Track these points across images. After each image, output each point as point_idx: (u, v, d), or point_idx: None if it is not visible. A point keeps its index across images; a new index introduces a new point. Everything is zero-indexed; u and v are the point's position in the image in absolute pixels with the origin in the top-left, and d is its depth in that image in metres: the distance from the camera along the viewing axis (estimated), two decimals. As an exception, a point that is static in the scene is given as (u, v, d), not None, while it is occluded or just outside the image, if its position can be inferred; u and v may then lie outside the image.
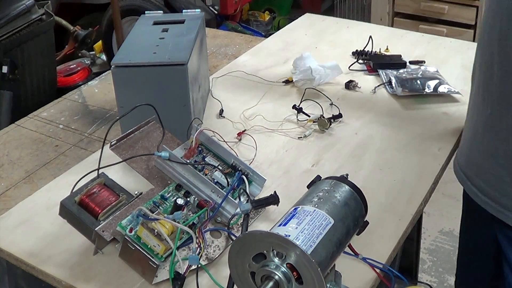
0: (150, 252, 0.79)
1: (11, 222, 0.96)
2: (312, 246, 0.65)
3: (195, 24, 1.23)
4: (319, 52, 1.54)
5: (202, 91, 1.26)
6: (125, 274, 0.83)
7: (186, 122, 1.02)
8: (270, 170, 1.07)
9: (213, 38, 1.74)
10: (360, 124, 1.21)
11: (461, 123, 1.20)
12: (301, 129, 1.19)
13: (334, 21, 1.83)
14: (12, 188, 1.10)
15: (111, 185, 0.91)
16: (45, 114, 1.36)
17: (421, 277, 2.05)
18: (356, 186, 0.76)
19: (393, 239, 0.89)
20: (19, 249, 0.89)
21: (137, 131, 0.97)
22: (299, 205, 0.71)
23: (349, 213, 0.73)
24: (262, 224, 0.93)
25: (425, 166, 1.07)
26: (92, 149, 1.21)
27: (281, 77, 1.41)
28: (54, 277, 0.84)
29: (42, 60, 2.32)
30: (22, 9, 2.16)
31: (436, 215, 2.31)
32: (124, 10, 2.68)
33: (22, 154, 1.20)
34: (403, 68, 1.41)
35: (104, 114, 1.36)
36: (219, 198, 0.89)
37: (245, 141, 1.15)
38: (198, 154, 0.97)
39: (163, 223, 0.78)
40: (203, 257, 0.83)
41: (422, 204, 0.99)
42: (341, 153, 1.12)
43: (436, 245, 2.20)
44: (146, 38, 1.18)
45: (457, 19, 2.84)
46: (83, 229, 0.86)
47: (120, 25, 2.37)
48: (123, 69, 1.07)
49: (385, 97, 1.32)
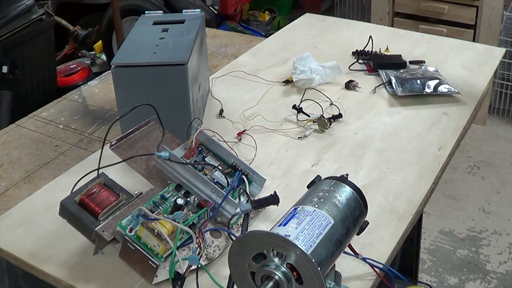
0: (150, 252, 0.79)
1: (11, 222, 0.96)
2: (312, 246, 0.65)
3: (195, 24, 1.23)
4: (319, 52, 1.54)
5: (202, 91, 1.26)
6: (125, 274, 0.83)
7: (186, 122, 1.02)
8: (270, 170, 1.07)
9: (213, 38, 1.74)
10: (360, 124, 1.21)
11: (461, 123, 1.20)
12: (301, 129, 1.19)
13: (334, 21, 1.83)
14: (12, 188, 1.10)
15: (111, 185, 0.91)
16: (45, 114, 1.36)
17: (421, 277, 2.05)
18: (356, 186, 0.76)
19: (393, 239, 0.89)
20: (19, 249, 0.89)
21: (137, 131, 0.97)
22: (299, 205, 0.72)
23: (349, 213, 0.73)
24: (262, 224, 0.93)
25: (425, 166, 1.07)
26: (92, 149, 1.21)
27: (281, 77, 1.41)
28: (54, 277, 0.84)
29: (42, 60, 2.31)
30: (22, 9, 2.15)
31: (436, 215, 2.31)
32: (124, 10, 2.67)
33: (22, 154, 1.21)
34: (403, 68, 1.41)
35: (104, 114, 1.36)
36: (219, 198, 0.89)
37: (245, 141, 1.15)
38: (198, 154, 0.97)
39: (163, 223, 0.78)
40: (203, 257, 0.83)
41: (422, 204, 0.99)
42: (341, 153, 1.12)
43: (436, 245, 2.20)
44: (146, 38, 1.18)
45: (457, 19, 2.84)
46: (83, 229, 0.86)
47: (120, 25, 2.37)
48: (123, 69, 1.07)
49: (385, 97, 1.32)
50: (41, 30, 2.25)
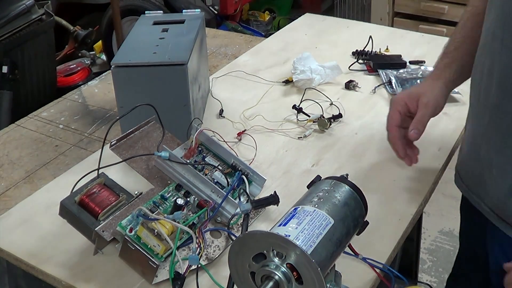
0: (150, 252, 0.79)
1: (11, 222, 0.96)
2: (312, 246, 0.65)
3: (195, 24, 1.23)
4: (319, 52, 1.54)
5: (202, 91, 1.26)
6: (125, 274, 0.83)
7: (186, 122, 1.02)
8: (270, 170, 1.07)
9: (213, 38, 1.74)
10: (360, 124, 1.21)
11: (461, 123, 1.20)
12: (301, 129, 1.19)
13: (334, 21, 1.83)
14: (12, 188, 1.10)
15: (111, 185, 0.91)
16: (45, 114, 1.36)
17: (421, 277, 2.05)
18: (356, 186, 0.76)
19: (393, 239, 0.89)
20: (19, 249, 0.89)
21: (137, 131, 0.97)
22: (299, 205, 0.71)
23: (349, 213, 0.73)
24: (262, 224, 0.93)
25: (425, 166, 1.07)
26: (92, 149, 1.21)
27: (281, 77, 1.41)
28: (54, 277, 0.84)
29: (42, 60, 2.32)
30: (22, 9, 2.15)
31: (436, 215, 2.31)
32: (124, 10, 2.67)
33: (22, 154, 1.20)
34: (403, 68, 1.41)
35: (104, 114, 1.36)
36: (219, 198, 0.89)
37: (245, 141, 1.15)
38: (198, 154, 0.97)
39: (163, 223, 0.78)
40: (203, 257, 0.83)
41: (422, 204, 0.99)
42: (341, 153, 1.12)
43: (436, 245, 2.20)
44: (146, 38, 1.18)
45: (457, 19, 2.83)
46: (83, 229, 0.86)
47: (120, 25, 2.37)
48: (123, 69, 1.07)
49: (385, 97, 1.32)
50: (41, 30, 2.26)
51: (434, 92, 0.98)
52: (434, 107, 0.96)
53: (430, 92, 0.98)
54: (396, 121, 0.96)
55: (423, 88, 0.99)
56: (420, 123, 0.95)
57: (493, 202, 0.88)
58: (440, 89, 0.98)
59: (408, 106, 0.96)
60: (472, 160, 0.94)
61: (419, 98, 0.96)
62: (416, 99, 0.97)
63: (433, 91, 0.98)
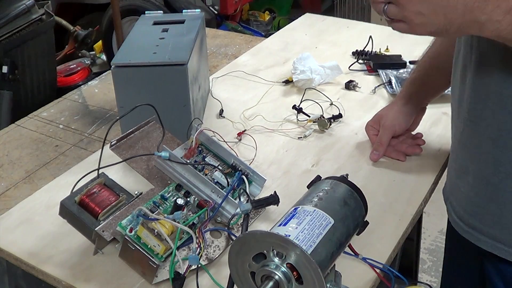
0: (150, 252, 0.79)
1: (11, 222, 0.96)
2: (312, 246, 0.65)
3: (195, 24, 1.23)
4: (319, 52, 1.54)
5: (202, 91, 1.26)
6: (125, 274, 0.83)
7: (186, 122, 1.02)
8: (270, 170, 1.07)
9: (213, 38, 1.74)
10: (360, 124, 1.21)
11: (461, 123, 1.19)
12: (301, 129, 1.19)
13: (334, 21, 1.83)
14: (12, 188, 1.10)
15: (111, 185, 0.91)
16: (45, 114, 1.36)
17: (421, 277, 2.05)
18: (356, 186, 0.76)
19: (393, 239, 0.89)
20: (19, 249, 0.89)
21: (137, 131, 0.97)
22: (299, 205, 0.71)
23: (349, 213, 0.73)
24: (262, 224, 0.93)
25: (425, 166, 1.07)
26: (92, 149, 1.21)
27: (281, 77, 1.41)
28: (54, 277, 0.84)
29: (42, 60, 2.32)
30: (22, 9, 2.16)
31: (436, 215, 2.31)
32: (124, 10, 2.68)
33: (22, 154, 1.20)
34: (403, 68, 1.41)
35: (104, 114, 1.36)
36: (219, 198, 0.89)
37: (245, 141, 1.15)
38: (198, 154, 0.97)
39: (163, 223, 0.78)
40: (203, 257, 0.83)
41: (422, 204, 0.99)
42: (341, 153, 1.12)
43: (436, 245, 2.19)
44: (146, 38, 1.18)
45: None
46: (83, 229, 0.86)
47: (120, 25, 2.37)
48: (123, 69, 1.07)
49: (385, 97, 1.32)
50: (41, 30, 2.26)
51: (391, 112, 1.09)
52: (390, 127, 1.08)
53: (388, 113, 1.10)
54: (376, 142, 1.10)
55: (384, 111, 1.12)
56: (379, 144, 1.08)
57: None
58: (399, 108, 1.09)
59: (376, 129, 1.11)
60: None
61: (380, 121, 1.10)
62: (378, 122, 1.10)
63: (391, 111, 1.10)
